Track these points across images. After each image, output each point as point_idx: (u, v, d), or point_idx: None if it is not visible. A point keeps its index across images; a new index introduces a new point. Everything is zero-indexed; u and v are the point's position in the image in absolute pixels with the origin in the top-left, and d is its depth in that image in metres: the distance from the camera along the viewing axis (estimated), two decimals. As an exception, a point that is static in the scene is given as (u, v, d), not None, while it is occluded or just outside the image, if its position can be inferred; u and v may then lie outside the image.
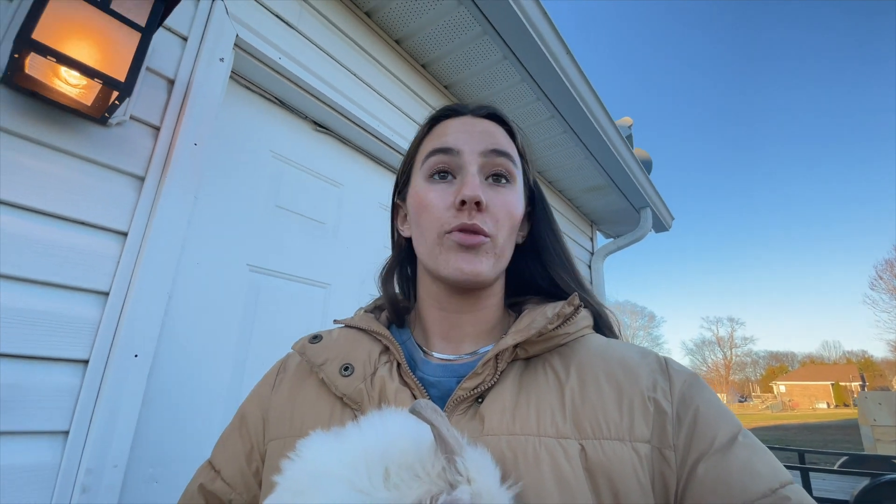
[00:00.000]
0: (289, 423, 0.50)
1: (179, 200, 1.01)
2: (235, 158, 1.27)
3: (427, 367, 0.51)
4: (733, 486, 0.37)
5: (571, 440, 0.40)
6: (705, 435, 0.40)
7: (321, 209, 1.50)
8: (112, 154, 0.92)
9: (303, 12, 1.40)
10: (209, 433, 1.08)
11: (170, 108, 1.03)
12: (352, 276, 1.55)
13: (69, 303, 0.84)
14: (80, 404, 0.82)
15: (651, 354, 0.48)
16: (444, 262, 0.49)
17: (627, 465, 0.39)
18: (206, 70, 1.10)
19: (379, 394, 0.47)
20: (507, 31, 1.68)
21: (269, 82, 1.34)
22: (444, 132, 0.54)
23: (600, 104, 2.24)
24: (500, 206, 0.50)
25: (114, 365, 0.86)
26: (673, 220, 3.61)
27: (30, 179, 0.81)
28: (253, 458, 0.52)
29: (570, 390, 0.44)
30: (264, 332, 1.26)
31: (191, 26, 1.09)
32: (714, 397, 0.44)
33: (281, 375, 0.56)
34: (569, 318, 0.48)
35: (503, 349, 0.46)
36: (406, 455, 0.34)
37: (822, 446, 13.43)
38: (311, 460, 0.36)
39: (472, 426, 0.43)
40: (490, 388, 0.46)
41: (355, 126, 1.56)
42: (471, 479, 0.33)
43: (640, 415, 0.42)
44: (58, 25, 0.73)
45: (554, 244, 0.57)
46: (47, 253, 0.82)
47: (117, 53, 0.77)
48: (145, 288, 0.93)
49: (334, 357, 0.51)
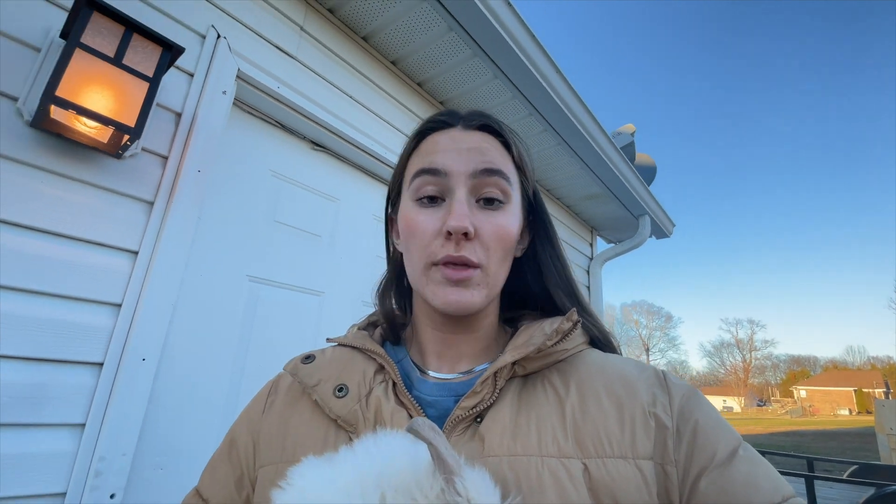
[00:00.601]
0: (280, 449, 0.48)
1: (184, 221, 1.14)
2: (237, 178, 1.40)
3: (424, 387, 0.50)
4: (736, 501, 0.37)
5: (574, 459, 0.40)
6: (706, 449, 0.40)
7: (318, 223, 1.62)
8: (125, 182, 1.05)
9: (302, 42, 1.52)
10: (210, 428, 1.21)
11: (177, 139, 1.15)
12: (346, 285, 1.67)
13: (88, 314, 0.98)
14: (95, 401, 0.96)
15: (649, 368, 0.47)
16: (431, 294, 0.48)
17: (632, 483, 0.38)
18: (210, 103, 1.22)
19: (374, 415, 0.45)
20: (495, 53, 1.78)
21: (268, 108, 1.46)
22: (432, 149, 0.51)
23: (591, 117, 2.32)
24: (490, 233, 0.48)
25: (125, 367, 1.00)
26: (674, 227, 3.65)
27: (54, 207, 0.95)
28: (243, 485, 0.50)
29: (571, 407, 0.43)
30: (263, 336, 1.39)
31: (196, 63, 1.22)
32: (713, 410, 0.43)
33: (272, 397, 0.54)
34: (567, 333, 0.47)
35: (501, 366, 0.45)
36: (402, 478, 0.33)
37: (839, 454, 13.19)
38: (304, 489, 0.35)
39: (472, 447, 0.42)
40: (489, 407, 0.45)
41: (351, 145, 1.67)
42: (470, 499, 0.32)
43: (641, 430, 0.41)
44: (77, 80, 0.86)
45: (553, 260, 0.55)
46: (70, 271, 0.96)
47: (128, 102, 0.90)
48: (153, 299, 1.06)
49: (328, 377, 0.49)
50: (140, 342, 1.03)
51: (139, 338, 1.03)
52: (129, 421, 0.99)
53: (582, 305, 0.54)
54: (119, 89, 0.89)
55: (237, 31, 1.33)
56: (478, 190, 0.49)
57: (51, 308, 0.93)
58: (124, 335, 1.02)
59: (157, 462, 1.10)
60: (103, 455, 0.94)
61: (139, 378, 1.02)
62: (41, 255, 0.92)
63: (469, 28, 1.66)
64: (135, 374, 1.01)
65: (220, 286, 1.31)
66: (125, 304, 1.03)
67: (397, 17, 1.63)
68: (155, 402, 1.10)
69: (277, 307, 1.45)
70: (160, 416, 1.12)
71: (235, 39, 1.31)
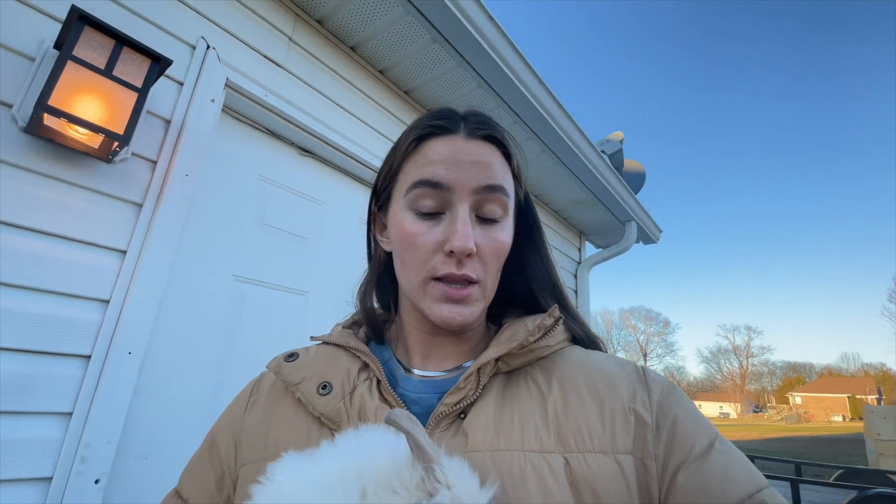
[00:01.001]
0: (263, 447, 0.48)
1: (172, 222, 1.20)
2: (225, 182, 1.46)
3: (408, 384, 0.50)
4: (713, 493, 0.38)
5: (556, 454, 0.40)
6: (684, 443, 0.40)
7: (303, 225, 1.68)
8: (115, 185, 1.11)
9: (290, 51, 1.58)
10: (193, 422, 1.27)
11: (166, 144, 1.21)
12: (330, 285, 1.73)
13: (77, 309, 1.03)
14: (82, 391, 1.01)
15: (629, 364, 0.48)
16: (428, 308, 0.48)
17: (612, 477, 0.39)
18: (199, 110, 1.29)
19: (358, 412, 0.46)
20: (478, 64, 1.84)
21: (256, 115, 1.52)
22: (432, 157, 0.49)
23: (575, 126, 2.39)
24: (489, 249, 0.48)
25: (111, 360, 1.06)
26: (661, 233, 3.72)
27: (47, 208, 1.01)
28: (224, 484, 0.50)
29: (553, 403, 0.44)
30: (247, 333, 1.45)
31: (186, 73, 1.28)
32: (691, 405, 0.44)
33: (254, 397, 0.54)
34: (549, 330, 0.47)
35: (485, 362, 0.46)
36: (382, 472, 0.33)
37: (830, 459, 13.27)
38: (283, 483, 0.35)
39: (456, 443, 0.43)
40: (472, 403, 0.45)
41: (338, 151, 1.73)
42: (450, 485, 0.32)
43: (621, 426, 0.42)
44: (69, 90, 0.92)
45: (538, 263, 0.56)
46: (60, 268, 1.02)
47: (118, 110, 0.96)
48: (140, 296, 1.12)
49: (311, 375, 0.49)
50: (127, 337, 1.09)
51: (126, 333, 1.09)
52: (115, 411, 1.05)
53: (564, 304, 0.54)
54: (109, 99, 0.95)
55: (227, 42, 1.39)
56: (479, 206, 0.49)
57: (42, 303, 0.99)
58: (112, 330, 1.08)
59: (140, 452, 1.16)
60: (89, 442, 1.00)
61: (125, 371, 1.08)
62: (33, 253, 0.98)
63: (452, 40, 1.73)
64: (121, 367, 1.07)
65: (206, 285, 1.36)
66: (113, 300, 1.09)
67: (383, 29, 1.70)
68: (140, 394, 1.15)
69: (263, 306, 1.51)
70: (145, 408, 1.17)
71: (225, 50, 1.38)
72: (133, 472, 1.13)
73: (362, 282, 0.60)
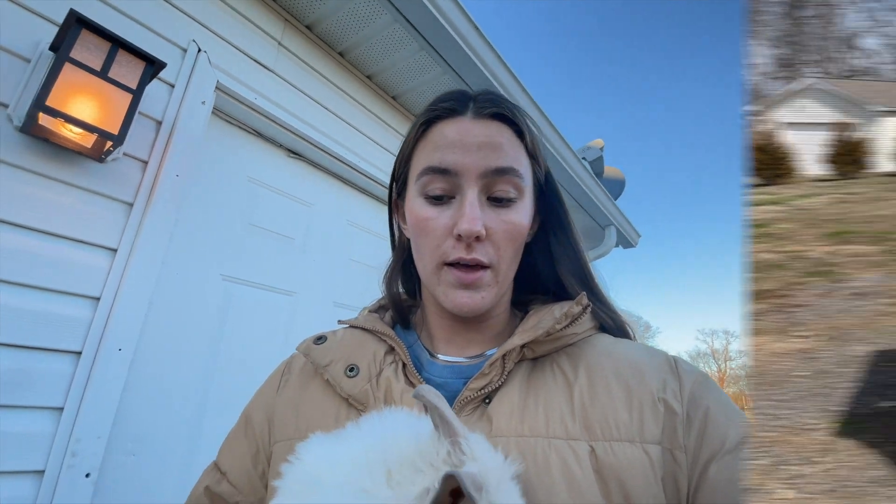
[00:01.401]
0: (294, 425, 0.50)
1: (162, 221, 1.22)
2: (214, 182, 1.48)
3: (433, 368, 0.51)
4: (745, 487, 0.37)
5: (581, 441, 0.40)
6: (716, 435, 0.39)
7: (291, 226, 1.71)
8: (107, 185, 1.13)
9: (280, 56, 1.61)
10: (182, 418, 1.29)
11: (157, 145, 1.24)
12: (318, 286, 1.76)
13: (68, 306, 1.05)
14: (73, 387, 1.03)
15: (660, 354, 0.47)
16: (442, 295, 0.48)
17: (638, 467, 0.38)
18: (189, 112, 1.31)
19: (385, 394, 0.46)
20: (464, 72, 1.90)
21: (246, 117, 1.55)
22: (440, 142, 0.49)
23: (558, 133, 2.46)
24: (502, 232, 0.47)
25: (101, 356, 1.07)
26: (639, 238, 3.82)
27: (40, 206, 1.02)
28: (259, 460, 0.52)
29: (579, 390, 0.43)
30: (235, 332, 1.47)
31: (177, 75, 1.30)
32: (724, 396, 0.43)
33: (286, 377, 0.56)
34: (577, 318, 0.46)
35: (510, 349, 0.45)
36: (407, 451, 0.34)
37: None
38: (311, 463, 0.36)
39: (480, 427, 0.43)
40: (497, 389, 0.45)
41: (326, 154, 1.77)
42: (476, 458, 0.33)
43: (650, 416, 0.41)
44: (66, 91, 0.94)
45: (564, 245, 0.54)
46: (52, 266, 1.03)
47: (112, 111, 0.99)
48: (130, 294, 1.14)
49: (339, 358, 0.50)
50: (116, 333, 1.10)
51: (116, 330, 1.10)
52: (105, 406, 1.06)
53: (594, 291, 0.53)
54: (104, 99, 0.98)
55: (218, 46, 1.42)
56: (489, 188, 0.48)
57: (34, 300, 1.00)
58: (102, 326, 1.09)
59: (130, 448, 1.17)
60: (80, 437, 1.01)
61: (115, 367, 1.09)
62: (26, 250, 1.00)
63: (438, 48, 1.78)
64: (111, 364, 1.09)
65: (194, 284, 1.38)
66: (103, 297, 1.10)
67: (372, 36, 1.74)
68: (130, 390, 1.17)
69: (250, 305, 1.53)
70: (134, 403, 1.19)
71: (216, 53, 1.40)
72: (123, 467, 1.14)
73: (388, 268, 0.61)
